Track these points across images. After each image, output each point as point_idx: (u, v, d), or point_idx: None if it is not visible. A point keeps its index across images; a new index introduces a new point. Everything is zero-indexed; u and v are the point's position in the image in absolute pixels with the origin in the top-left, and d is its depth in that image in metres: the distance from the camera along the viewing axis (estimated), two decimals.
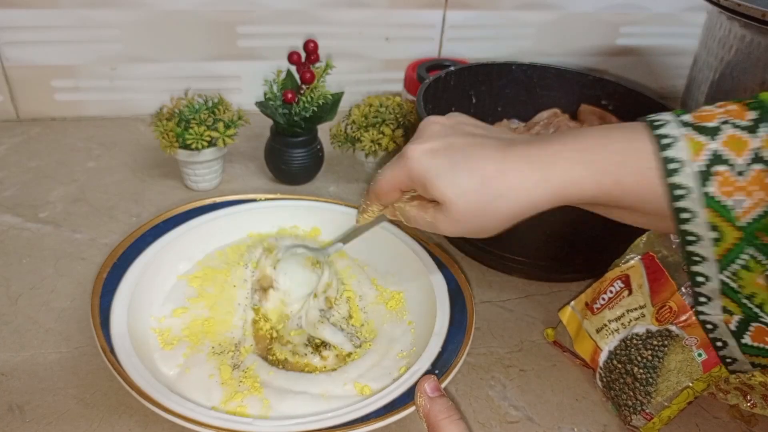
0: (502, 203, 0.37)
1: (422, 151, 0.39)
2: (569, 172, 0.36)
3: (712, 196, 0.34)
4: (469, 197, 0.37)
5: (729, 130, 0.34)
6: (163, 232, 0.58)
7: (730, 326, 0.38)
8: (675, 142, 0.34)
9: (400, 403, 0.44)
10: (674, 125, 0.34)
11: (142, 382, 0.43)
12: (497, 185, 0.36)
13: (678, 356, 0.49)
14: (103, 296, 0.50)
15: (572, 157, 0.36)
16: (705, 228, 0.34)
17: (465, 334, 0.50)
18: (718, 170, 0.33)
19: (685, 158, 0.34)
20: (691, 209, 0.34)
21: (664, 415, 0.49)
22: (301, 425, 0.42)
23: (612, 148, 0.36)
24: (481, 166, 0.37)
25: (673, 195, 0.34)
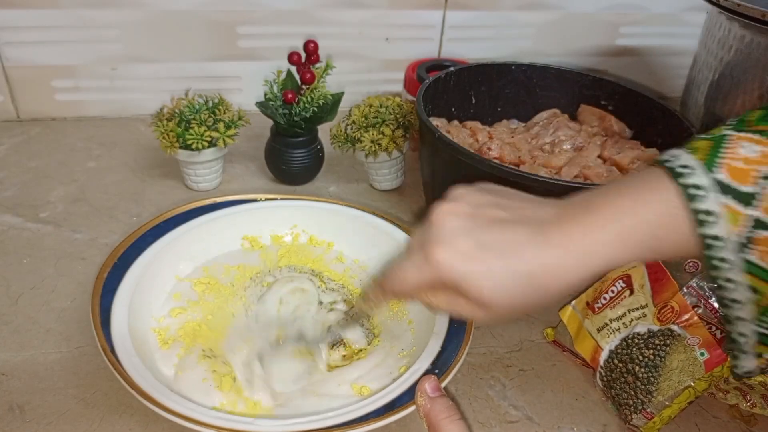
0: (547, 296, 0.36)
1: (453, 255, 0.36)
2: (610, 257, 0.35)
3: (754, 263, 0.33)
4: (514, 296, 0.36)
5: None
6: (163, 232, 0.58)
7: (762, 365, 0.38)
8: (714, 218, 0.33)
9: (400, 403, 0.44)
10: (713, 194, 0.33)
11: (143, 383, 0.43)
12: (542, 282, 0.36)
13: (680, 355, 0.49)
14: (104, 296, 0.50)
15: (611, 240, 0.35)
16: (747, 292, 0.34)
17: (465, 333, 0.50)
18: (759, 236, 0.33)
19: (725, 232, 0.33)
20: (733, 278, 0.34)
21: (664, 414, 0.49)
22: (302, 425, 0.42)
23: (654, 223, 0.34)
24: (524, 264, 0.36)
25: (711, 267, 0.34)
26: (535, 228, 0.36)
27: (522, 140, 0.73)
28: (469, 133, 0.74)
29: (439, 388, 0.41)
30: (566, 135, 0.73)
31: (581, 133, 0.74)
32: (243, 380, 0.48)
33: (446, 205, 0.39)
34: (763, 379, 0.50)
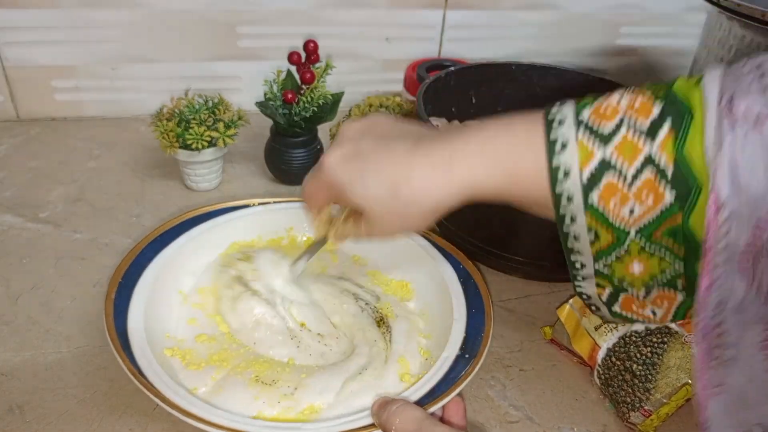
0: (414, 208, 0.38)
1: (335, 159, 0.40)
2: (470, 173, 0.37)
3: (592, 204, 0.34)
4: (383, 204, 0.39)
5: (624, 132, 0.33)
6: (161, 247, 0.56)
7: (602, 297, 0.39)
8: (565, 148, 0.34)
9: (439, 391, 0.45)
10: (570, 125, 0.34)
11: (182, 402, 0.43)
12: (406, 193, 0.38)
13: (678, 353, 0.49)
14: (117, 318, 0.49)
15: (472, 156, 0.37)
16: (583, 230, 0.36)
17: (485, 316, 0.52)
18: (605, 179, 0.34)
19: (572, 166, 0.34)
20: (573, 214, 0.35)
21: (662, 411, 0.49)
22: (346, 424, 0.43)
23: (510, 148, 0.36)
24: (389, 173, 0.38)
25: (557, 202, 0.35)
26: (410, 141, 0.39)
27: None
28: None
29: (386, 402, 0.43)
30: None
31: None
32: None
33: (348, 122, 0.43)
34: None
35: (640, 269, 0.36)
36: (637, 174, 0.33)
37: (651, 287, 0.37)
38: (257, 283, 0.54)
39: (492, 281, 0.66)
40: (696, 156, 0.32)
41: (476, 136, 0.37)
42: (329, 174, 0.40)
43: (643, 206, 0.34)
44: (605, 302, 0.40)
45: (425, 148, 0.38)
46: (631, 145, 0.33)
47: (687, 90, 0.33)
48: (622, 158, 0.33)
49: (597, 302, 0.40)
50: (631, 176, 0.33)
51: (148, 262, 0.54)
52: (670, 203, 0.33)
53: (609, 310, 0.40)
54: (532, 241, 0.62)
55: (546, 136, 0.35)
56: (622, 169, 0.34)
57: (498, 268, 0.67)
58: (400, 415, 0.40)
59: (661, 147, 0.33)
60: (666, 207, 0.33)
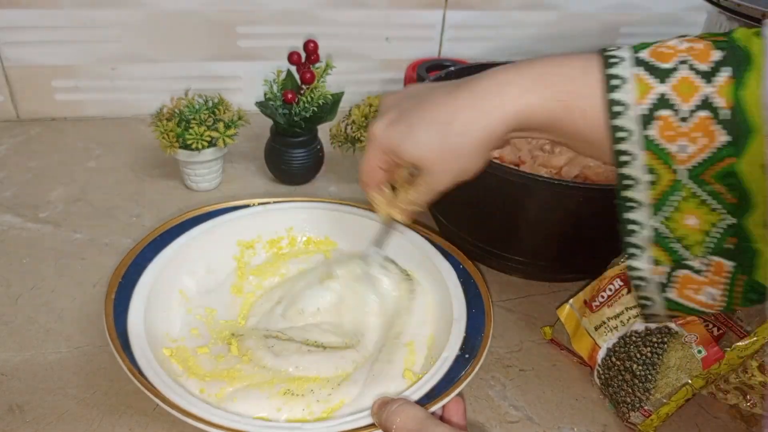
0: (465, 141, 0.38)
1: (383, 126, 0.41)
2: (522, 100, 0.37)
3: (651, 140, 0.34)
4: (435, 149, 0.39)
5: (684, 71, 0.34)
6: (160, 248, 0.56)
7: (659, 278, 0.38)
8: (623, 84, 0.34)
9: (439, 391, 0.45)
10: (627, 64, 0.34)
11: (184, 404, 0.43)
12: (454, 128, 0.38)
13: (678, 353, 0.49)
14: (117, 318, 0.49)
15: (525, 84, 0.37)
16: (642, 171, 0.35)
17: (485, 316, 0.52)
18: (661, 114, 0.34)
19: (629, 101, 0.34)
20: (631, 152, 0.35)
21: (662, 411, 0.49)
22: (346, 424, 0.43)
23: (566, 80, 0.36)
24: (435, 116, 0.39)
25: (614, 137, 0.35)
26: (453, 85, 0.39)
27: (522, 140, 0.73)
28: None
29: (386, 402, 0.43)
30: None
31: None
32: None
33: (389, 93, 0.44)
34: (762, 379, 0.50)
35: (694, 222, 0.36)
36: (693, 113, 0.33)
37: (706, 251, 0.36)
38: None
39: (492, 281, 0.66)
40: (753, 103, 0.32)
41: (529, 68, 0.37)
42: (380, 141, 0.41)
43: (695, 145, 0.34)
44: (662, 284, 0.38)
45: (469, 84, 0.38)
46: (689, 84, 0.33)
47: (746, 38, 0.34)
48: (680, 96, 0.34)
49: (651, 289, 0.39)
50: (687, 114, 0.33)
51: (148, 262, 0.54)
52: (723, 144, 0.33)
53: (664, 298, 0.39)
54: (532, 241, 0.62)
55: (603, 71, 0.35)
56: (678, 107, 0.34)
57: (498, 268, 0.67)
58: (401, 414, 0.40)
59: (718, 90, 0.33)
60: (718, 147, 0.33)
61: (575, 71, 0.36)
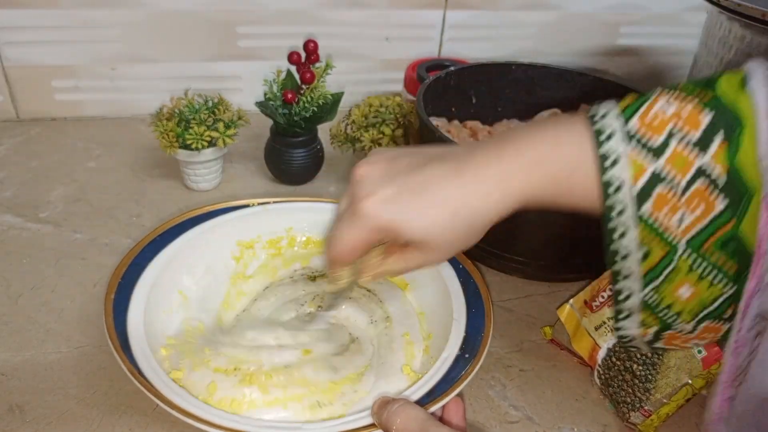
0: (476, 227, 0.38)
1: (379, 203, 0.38)
2: (524, 187, 0.37)
3: (644, 217, 0.34)
4: (444, 231, 0.38)
5: (676, 144, 0.33)
6: (159, 248, 0.56)
7: (646, 338, 0.39)
8: (616, 164, 0.34)
9: (439, 391, 0.45)
10: (619, 138, 0.34)
11: (182, 403, 0.43)
12: (466, 213, 0.37)
13: (678, 353, 0.49)
14: (116, 318, 0.49)
15: (525, 171, 0.37)
16: (634, 245, 0.36)
17: (485, 316, 0.52)
18: (656, 191, 0.34)
19: (625, 178, 0.34)
20: (624, 227, 0.35)
21: (662, 412, 0.49)
22: (346, 424, 0.42)
23: (561, 163, 0.36)
24: (445, 197, 0.37)
25: (607, 215, 0.35)
26: (451, 164, 0.38)
27: None
28: (470, 133, 0.74)
29: (386, 402, 0.43)
30: None
31: None
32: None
33: (363, 164, 0.40)
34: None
35: (688, 293, 0.36)
36: (689, 185, 0.33)
37: (700, 319, 0.36)
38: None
39: (492, 281, 0.66)
40: (748, 164, 0.32)
41: (525, 150, 0.37)
42: (376, 218, 0.38)
43: (693, 215, 0.34)
44: (648, 342, 0.39)
45: (472, 166, 0.38)
46: (683, 158, 0.33)
47: (734, 96, 0.33)
48: (674, 171, 0.34)
49: (638, 343, 0.40)
50: (682, 188, 0.34)
51: (148, 262, 0.54)
52: (721, 210, 0.33)
53: (650, 347, 0.40)
54: (532, 241, 0.62)
55: (595, 150, 0.35)
56: (673, 181, 0.34)
57: (498, 268, 0.67)
58: (401, 415, 0.40)
59: (713, 158, 0.33)
60: (717, 214, 0.33)
61: (569, 151, 0.36)
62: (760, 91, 0.33)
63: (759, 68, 0.33)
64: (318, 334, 0.53)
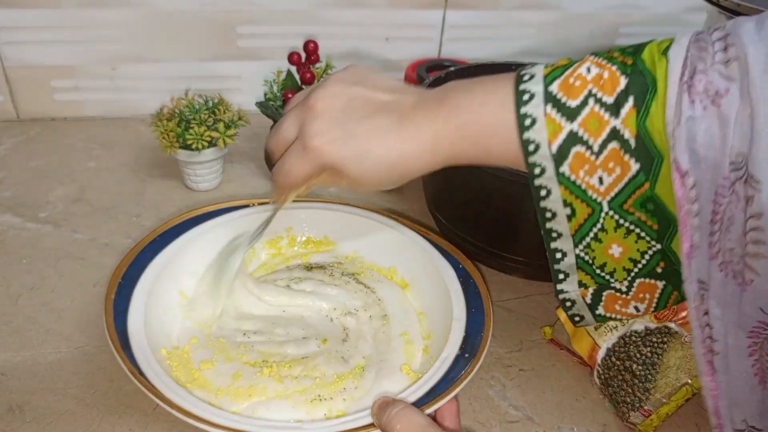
0: (405, 176, 0.41)
1: (327, 144, 0.40)
2: (451, 151, 0.39)
3: (565, 176, 0.36)
4: (378, 178, 0.41)
5: (591, 105, 0.35)
6: (160, 248, 0.56)
7: (586, 299, 0.40)
8: (534, 123, 0.36)
9: (439, 391, 0.45)
10: (538, 100, 0.36)
11: (183, 402, 0.43)
12: (400, 168, 0.40)
13: (677, 353, 0.49)
14: (117, 318, 0.49)
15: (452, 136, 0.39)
16: (559, 204, 0.37)
17: (485, 316, 0.52)
18: (573, 151, 0.35)
19: (541, 140, 0.36)
20: (547, 186, 0.37)
21: (662, 411, 0.49)
22: (346, 424, 0.42)
23: (485, 126, 0.38)
24: (386, 153, 0.39)
25: (531, 173, 0.37)
26: (395, 117, 0.40)
27: None
28: None
29: (387, 404, 0.43)
30: None
31: None
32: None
33: (320, 92, 0.41)
34: None
35: (619, 251, 0.37)
36: (604, 145, 0.35)
37: (633, 276, 0.38)
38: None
39: (492, 281, 0.66)
40: (657, 129, 0.34)
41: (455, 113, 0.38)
42: (323, 157, 0.40)
43: (611, 176, 0.36)
44: (589, 304, 0.41)
45: (412, 124, 0.39)
46: (597, 120, 0.35)
47: (653, 61, 0.34)
48: (590, 132, 0.35)
49: (581, 308, 0.41)
50: (597, 147, 0.35)
51: (148, 262, 0.54)
52: (636, 172, 0.35)
53: (593, 314, 0.41)
54: (532, 241, 0.62)
55: (516, 110, 0.36)
56: (588, 142, 0.35)
57: (498, 268, 0.67)
58: (402, 420, 0.40)
59: (624, 121, 0.34)
60: (632, 176, 0.35)
61: (493, 112, 0.37)
62: (677, 57, 0.33)
63: (685, 36, 0.34)
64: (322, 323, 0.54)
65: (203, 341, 0.52)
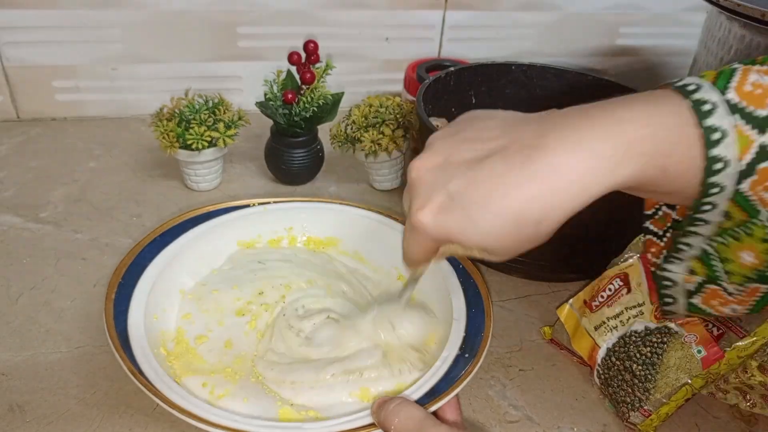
0: (544, 228, 0.33)
1: (431, 215, 0.34)
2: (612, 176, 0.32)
3: (743, 194, 0.32)
4: (507, 238, 0.33)
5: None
6: (160, 247, 0.56)
7: (689, 286, 0.37)
8: (723, 138, 0.31)
9: (439, 391, 0.45)
10: (722, 111, 0.31)
11: (191, 408, 0.43)
12: (532, 217, 0.32)
13: (677, 353, 0.49)
14: (117, 318, 0.49)
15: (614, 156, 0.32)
16: (719, 216, 0.33)
17: (485, 316, 0.52)
18: (761, 167, 0.31)
19: (732, 155, 0.31)
20: (715, 202, 0.33)
21: (662, 411, 0.49)
22: (347, 424, 0.43)
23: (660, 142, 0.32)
24: (506, 202, 0.32)
25: (704, 192, 0.32)
26: (512, 154, 0.33)
27: None
28: None
29: (384, 401, 0.43)
30: None
31: None
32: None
33: (417, 161, 0.36)
34: (762, 378, 0.50)
35: (750, 260, 0.33)
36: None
37: (749, 282, 0.34)
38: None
39: (492, 281, 0.66)
40: None
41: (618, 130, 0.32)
42: (431, 232, 0.35)
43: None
44: (689, 291, 0.37)
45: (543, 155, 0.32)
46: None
47: None
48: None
49: (677, 291, 0.37)
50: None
51: (148, 262, 0.54)
52: None
53: (687, 301, 0.38)
54: None
55: (697, 123, 0.31)
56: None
57: (498, 268, 0.67)
58: (399, 414, 0.40)
59: None
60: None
61: (669, 127, 0.31)
62: None
63: None
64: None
65: (196, 311, 0.54)
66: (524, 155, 0.32)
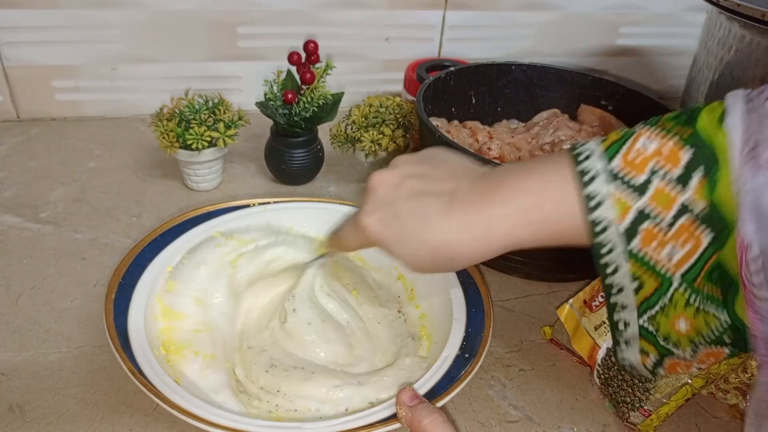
0: (453, 265, 0.40)
1: (375, 222, 0.41)
2: (508, 235, 0.38)
3: (634, 252, 0.35)
4: (424, 262, 0.40)
5: (658, 182, 0.34)
6: (160, 247, 0.56)
7: (647, 364, 0.40)
8: (601, 204, 0.35)
9: (439, 391, 0.45)
10: (602, 179, 0.35)
11: (191, 408, 0.43)
12: (445, 255, 0.39)
13: None
14: (117, 318, 0.49)
15: (510, 220, 0.38)
16: (627, 279, 0.36)
17: (485, 316, 0.52)
18: (643, 228, 0.34)
19: (611, 218, 0.35)
20: (615, 263, 0.36)
21: (662, 411, 0.49)
22: (346, 424, 0.43)
23: (547, 210, 0.37)
24: (429, 237, 0.39)
25: (597, 252, 0.36)
26: (443, 202, 0.39)
27: (522, 140, 0.73)
28: (469, 133, 0.74)
29: (418, 397, 0.43)
30: (566, 135, 0.73)
31: (581, 132, 0.75)
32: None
33: (380, 174, 0.42)
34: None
35: (686, 327, 0.36)
36: (674, 221, 0.34)
37: (698, 345, 0.37)
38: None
39: (492, 281, 0.66)
40: (726, 199, 0.33)
41: (513, 198, 0.38)
42: (371, 234, 0.41)
43: (683, 250, 0.34)
44: (650, 369, 0.40)
45: (459, 210, 0.38)
46: (665, 195, 0.34)
47: (711, 132, 0.33)
48: (659, 208, 0.34)
49: (642, 372, 0.40)
50: (668, 223, 0.34)
51: (148, 262, 0.54)
52: (708, 243, 0.34)
53: (653, 374, 0.40)
54: None
55: (580, 191, 0.35)
56: (658, 218, 0.34)
57: (498, 268, 0.67)
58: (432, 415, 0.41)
59: (695, 194, 0.33)
60: (704, 248, 0.34)
61: (556, 197, 0.36)
62: (736, 128, 0.33)
63: (737, 103, 0.34)
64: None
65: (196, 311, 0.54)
66: (450, 206, 0.39)
